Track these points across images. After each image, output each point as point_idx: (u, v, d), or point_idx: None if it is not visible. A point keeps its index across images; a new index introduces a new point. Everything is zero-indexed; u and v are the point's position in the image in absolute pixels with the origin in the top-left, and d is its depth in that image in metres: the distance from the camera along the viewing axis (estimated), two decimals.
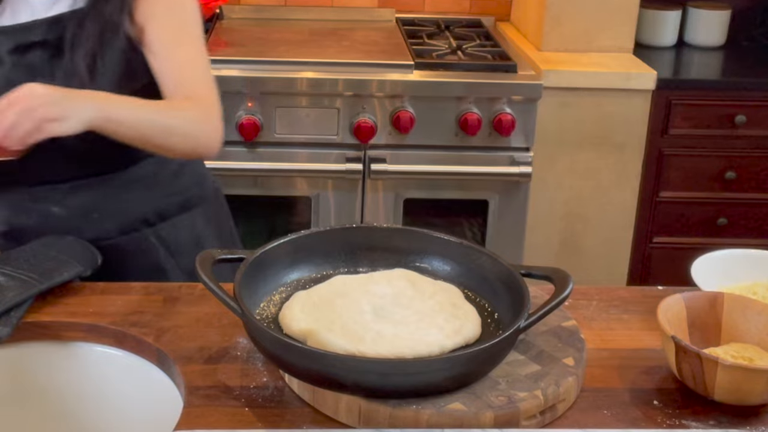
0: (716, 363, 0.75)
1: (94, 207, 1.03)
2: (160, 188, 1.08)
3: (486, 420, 0.72)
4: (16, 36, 0.98)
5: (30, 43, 0.98)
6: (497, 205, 1.78)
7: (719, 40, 2.07)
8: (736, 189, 1.86)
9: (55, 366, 0.87)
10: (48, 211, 1.02)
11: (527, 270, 0.86)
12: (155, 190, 1.08)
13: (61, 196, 1.02)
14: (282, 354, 0.75)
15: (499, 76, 1.72)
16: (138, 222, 1.06)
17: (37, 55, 0.98)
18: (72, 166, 1.01)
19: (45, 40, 0.98)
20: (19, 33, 0.98)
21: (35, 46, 0.98)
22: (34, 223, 1.02)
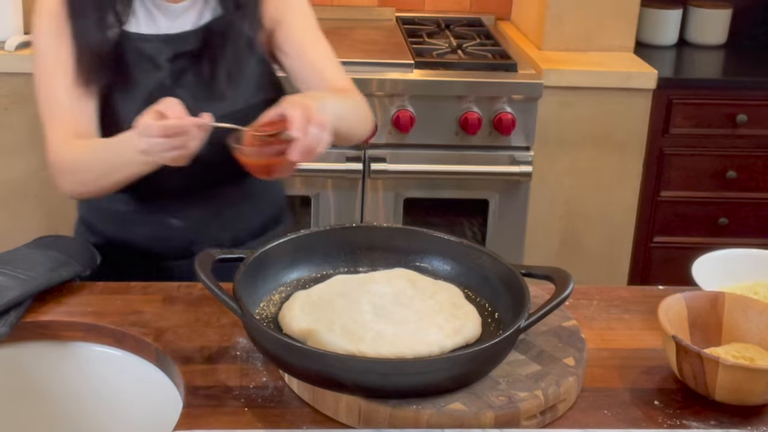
0: (717, 363, 0.75)
1: (211, 219, 1.05)
2: (263, 201, 1.11)
3: (486, 420, 0.72)
4: (175, 44, 1.00)
5: (183, 51, 1.00)
6: (497, 204, 1.77)
7: (720, 39, 2.07)
8: (737, 188, 1.85)
9: (54, 366, 0.87)
10: (165, 222, 1.04)
11: (527, 269, 0.86)
12: (260, 202, 1.10)
13: (181, 207, 1.03)
14: (282, 354, 0.75)
15: (499, 75, 1.72)
16: (246, 234, 1.08)
17: (183, 63, 1.00)
18: (197, 176, 1.02)
19: (192, 49, 1.01)
20: (177, 41, 1.00)
21: (185, 54, 1.00)
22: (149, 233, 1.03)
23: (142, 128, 0.84)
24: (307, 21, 1.06)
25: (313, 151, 0.85)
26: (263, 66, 1.04)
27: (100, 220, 1.07)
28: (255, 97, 1.03)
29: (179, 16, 1.01)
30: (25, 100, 1.70)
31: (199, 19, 1.02)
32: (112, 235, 1.06)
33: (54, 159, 0.97)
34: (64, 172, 0.97)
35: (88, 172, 0.96)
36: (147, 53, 0.99)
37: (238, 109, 1.02)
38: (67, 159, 0.96)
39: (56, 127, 0.98)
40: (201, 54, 1.01)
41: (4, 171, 1.74)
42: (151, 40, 1.00)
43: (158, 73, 1.00)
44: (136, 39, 0.99)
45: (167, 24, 1.01)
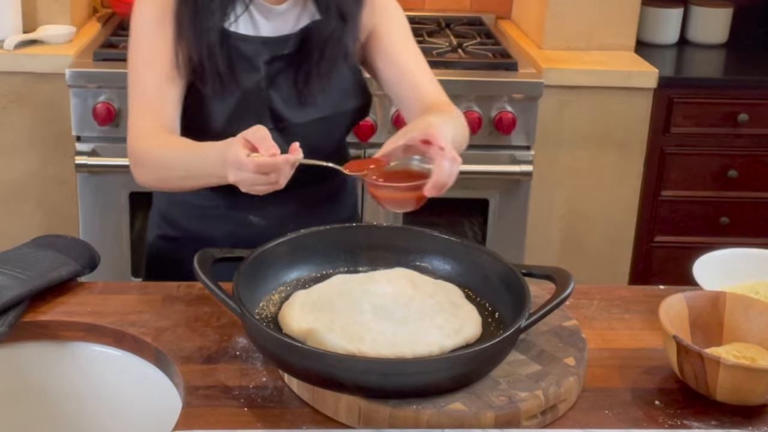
0: (718, 363, 0.74)
1: (291, 218, 1.04)
2: (340, 203, 1.11)
3: (487, 420, 0.72)
4: (274, 47, 0.99)
5: (280, 54, 0.99)
6: (498, 203, 1.77)
7: (721, 38, 2.06)
8: (739, 188, 1.85)
9: (54, 366, 0.87)
10: (245, 220, 1.03)
11: (528, 269, 0.86)
12: (337, 204, 1.10)
13: (262, 205, 1.02)
14: (281, 354, 0.75)
15: (499, 75, 1.72)
16: None
17: (278, 66, 0.99)
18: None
19: (289, 53, 1.00)
20: (276, 44, 0.99)
21: (282, 57, 1.00)
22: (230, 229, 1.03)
23: (235, 163, 0.82)
24: (402, 30, 1.05)
25: (446, 186, 0.84)
26: (355, 74, 1.03)
27: (181, 214, 1.05)
28: (344, 105, 1.02)
29: (278, 18, 1.00)
30: (24, 100, 1.69)
31: (297, 22, 1.00)
32: (192, 229, 1.05)
33: (136, 149, 0.95)
34: (144, 165, 0.95)
35: (170, 170, 0.93)
36: (246, 54, 0.98)
37: (327, 116, 1.01)
38: (151, 154, 0.94)
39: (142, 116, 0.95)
40: (296, 58, 1.00)
41: (4, 171, 1.74)
42: (251, 41, 0.98)
43: (255, 75, 0.98)
44: (237, 39, 0.98)
45: (266, 25, 0.99)
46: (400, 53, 1.03)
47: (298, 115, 1.00)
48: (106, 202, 1.68)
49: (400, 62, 1.03)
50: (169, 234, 1.06)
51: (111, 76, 1.62)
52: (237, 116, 0.98)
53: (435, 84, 1.04)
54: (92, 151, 1.65)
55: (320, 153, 1.00)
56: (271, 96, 0.99)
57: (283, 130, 1.00)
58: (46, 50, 1.70)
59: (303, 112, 1.00)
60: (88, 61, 1.66)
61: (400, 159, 0.86)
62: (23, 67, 1.67)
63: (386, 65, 1.03)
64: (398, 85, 1.03)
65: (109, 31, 1.85)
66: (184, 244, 1.02)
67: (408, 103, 1.02)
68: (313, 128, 1.01)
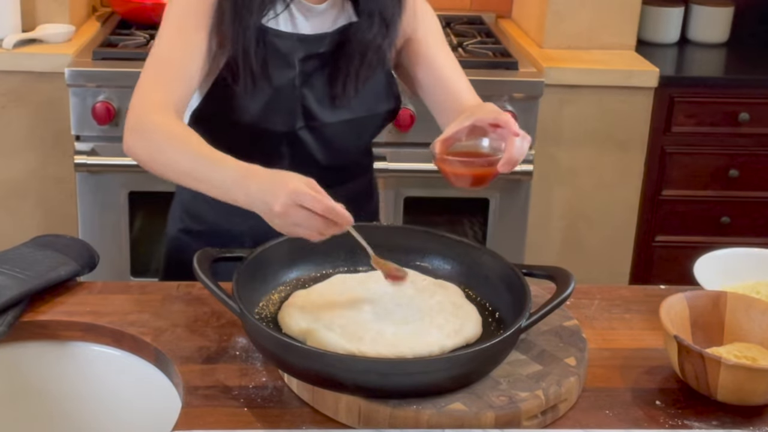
0: (719, 363, 0.74)
1: None
2: (362, 205, 1.10)
3: (487, 420, 0.72)
4: (310, 45, 0.99)
5: (316, 53, 0.99)
6: (498, 203, 1.76)
7: (722, 37, 2.06)
8: (740, 187, 1.84)
9: (53, 366, 0.87)
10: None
11: (528, 269, 0.86)
12: (364, 202, 1.10)
13: None
14: (281, 354, 0.74)
15: (500, 74, 1.71)
16: None
17: (313, 65, 0.99)
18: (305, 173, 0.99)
19: (324, 52, 0.99)
20: (312, 42, 0.99)
21: (317, 56, 0.99)
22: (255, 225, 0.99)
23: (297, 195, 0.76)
24: (438, 36, 1.05)
25: (518, 163, 0.85)
26: (388, 77, 1.03)
27: (207, 208, 1.04)
28: (376, 108, 1.02)
29: (317, 17, 0.99)
30: (23, 99, 1.69)
31: (334, 22, 1.00)
32: (216, 223, 1.04)
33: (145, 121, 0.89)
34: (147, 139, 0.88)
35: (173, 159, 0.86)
36: (282, 50, 0.97)
37: (358, 117, 1.01)
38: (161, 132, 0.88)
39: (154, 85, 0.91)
40: (331, 58, 0.99)
41: (3, 170, 1.73)
42: (287, 37, 0.97)
43: (289, 72, 0.97)
44: (273, 35, 0.97)
45: (304, 24, 0.99)
46: (436, 58, 1.03)
47: (329, 115, 0.99)
48: (105, 201, 1.68)
49: (437, 67, 1.02)
50: (192, 228, 1.06)
51: (110, 75, 1.62)
52: (268, 112, 0.97)
53: (470, 88, 1.04)
54: (91, 150, 1.65)
55: (348, 154, 0.99)
56: (305, 94, 0.98)
57: (313, 129, 1.00)
58: (45, 49, 1.69)
59: (335, 112, 0.99)
60: (87, 61, 1.66)
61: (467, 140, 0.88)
62: (22, 67, 1.67)
63: (424, 70, 1.03)
64: (435, 90, 1.02)
65: (108, 30, 1.85)
66: (208, 238, 1.02)
67: (445, 108, 1.02)
68: (343, 129, 1.00)
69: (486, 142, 0.89)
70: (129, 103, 0.93)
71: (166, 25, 0.96)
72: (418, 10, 1.03)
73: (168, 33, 0.95)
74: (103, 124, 1.62)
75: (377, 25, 0.99)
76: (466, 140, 0.89)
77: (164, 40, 0.95)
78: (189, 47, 0.94)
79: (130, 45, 1.75)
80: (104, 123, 1.62)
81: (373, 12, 0.99)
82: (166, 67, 0.93)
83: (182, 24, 0.95)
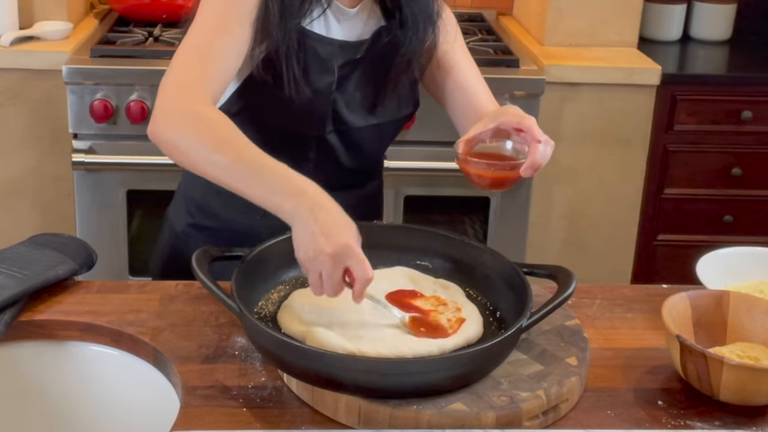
0: (722, 363, 0.74)
1: None
2: (375, 202, 1.11)
3: (488, 420, 0.71)
4: (349, 51, 0.98)
5: (353, 60, 0.98)
6: (499, 202, 1.76)
7: (725, 34, 2.05)
8: (742, 186, 1.84)
9: (51, 366, 0.86)
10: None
11: (529, 268, 0.85)
12: (369, 209, 1.09)
13: None
14: (280, 353, 0.74)
15: (501, 71, 1.71)
16: None
17: (347, 71, 0.98)
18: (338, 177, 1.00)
19: (360, 58, 0.98)
20: (351, 49, 0.98)
21: (352, 62, 0.98)
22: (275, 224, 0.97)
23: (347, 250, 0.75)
24: (459, 40, 1.05)
25: (541, 168, 0.85)
26: (412, 83, 1.03)
27: (221, 204, 1.02)
28: (399, 113, 1.02)
29: (349, 21, 0.98)
30: (20, 97, 1.68)
31: (365, 27, 0.99)
32: (228, 219, 1.03)
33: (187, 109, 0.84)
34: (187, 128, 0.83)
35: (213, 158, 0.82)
36: (322, 55, 0.96)
37: (383, 122, 1.01)
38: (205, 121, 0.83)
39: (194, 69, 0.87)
40: (363, 63, 0.99)
41: (0, 169, 1.73)
42: (328, 43, 0.96)
43: (328, 78, 0.96)
44: (315, 39, 0.96)
45: (336, 27, 0.98)
46: (459, 64, 1.02)
47: (357, 120, 0.98)
48: (103, 200, 1.67)
49: (458, 73, 1.02)
50: (202, 223, 1.04)
51: (108, 72, 1.61)
52: (302, 115, 0.96)
53: (489, 93, 1.03)
54: (89, 148, 1.64)
55: (369, 158, 0.99)
56: (337, 99, 0.97)
57: (341, 133, 0.99)
58: (43, 46, 1.69)
59: (362, 117, 0.98)
60: (85, 58, 1.65)
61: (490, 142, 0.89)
62: (19, 64, 1.66)
63: (445, 75, 1.02)
64: (455, 95, 1.02)
65: (106, 28, 1.84)
66: (220, 235, 1.00)
67: (464, 113, 1.01)
68: (367, 133, 1.00)
69: (509, 145, 0.89)
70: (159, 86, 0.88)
71: (205, 15, 0.92)
72: (443, 16, 1.03)
73: (207, 23, 0.91)
74: (101, 122, 1.62)
75: (407, 32, 0.98)
76: (490, 142, 0.89)
77: (203, 30, 0.91)
78: (229, 40, 0.90)
79: (129, 42, 1.74)
80: (102, 121, 1.62)
81: (407, 18, 0.98)
82: (203, 57, 0.89)
83: (223, 16, 0.91)
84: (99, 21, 1.91)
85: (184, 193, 1.09)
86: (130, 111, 1.60)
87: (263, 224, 0.98)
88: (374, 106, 0.99)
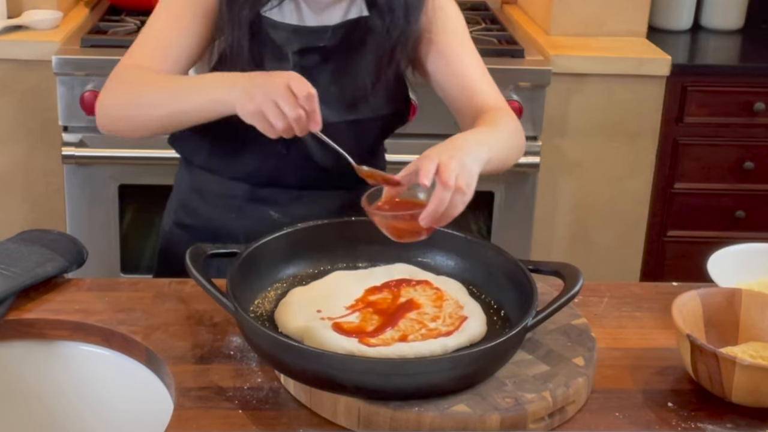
0: (734, 363, 0.73)
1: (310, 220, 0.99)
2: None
3: (492, 423, 0.70)
4: (304, 37, 0.96)
5: (312, 46, 0.96)
6: (503, 196, 1.75)
7: (737, 23, 2.03)
8: (755, 180, 1.82)
9: (40, 366, 0.86)
10: (265, 215, 1.01)
11: (535, 265, 0.85)
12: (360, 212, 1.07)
13: (285, 203, 1.00)
14: (277, 353, 0.73)
15: (505, 62, 1.69)
16: None
17: (313, 60, 0.96)
18: (312, 177, 0.99)
19: (325, 46, 0.96)
20: (308, 34, 0.96)
21: (315, 50, 0.96)
22: (248, 223, 1.00)
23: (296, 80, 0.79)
24: (457, 31, 1.00)
25: (446, 218, 0.78)
26: (398, 78, 0.99)
27: (200, 201, 1.03)
28: (385, 109, 0.99)
29: (325, 10, 0.96)
30: (9, 88, 1.66)
31: (344, 15, 0.97)
32: (212, 218, 1.03)
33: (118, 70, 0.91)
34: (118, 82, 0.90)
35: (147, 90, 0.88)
36: (276, 42, 0.95)
37: (362, 119, 0.98)
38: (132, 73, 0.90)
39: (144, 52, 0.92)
40: (335, 54, 0.96)
41: None
42: (282, 28, 0.95)
43: (283, 65, 0.95)
44: (268, 25, 0.95)
45: (310, 16, 0.96)
46: (452, 55, 0.98)
47: (331, 115, 0.95)
48: (94, 195, 1.65)
49: (451, 63, 0.98)
50: (185, 221, 1.04)
51: (99, 63, 1.59)
52: None
53: (490, 87, 0.99)
54: (80, 141, 1.62)
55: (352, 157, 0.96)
56: None
57: None
58: (32, 36, 1.66)
59: (337, 112, 0.96)
60: (75, 48, 1.63)
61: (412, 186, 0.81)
62: (7, 54, 1.64)
63: (437, 67, 0.98)
64: (449, 88, 0.98)
65: (97, 17, 1.82)
66: (200, 233, 1.00)
67: (460, 107, 0.98)
68: (345, 130, 0.97)
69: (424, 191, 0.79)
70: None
71: (163, 7, 0.95)
72: (432, 3, 0.99)
73: (164, 14, 0.94)
74: (92, 115, 1.59)
75: (389, 22, 0.95)
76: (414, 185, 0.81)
77: (159, 21, 0.94)
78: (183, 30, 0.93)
79: (120, 32, 1.73)
80: (93, 113, 1.58)
81: (383, 7, 0.95)
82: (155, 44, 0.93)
83: (179, 7, 0.93)
84: (90, 10, 1.89)
85: (175, 190, 1.09)
86: None
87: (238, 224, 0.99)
88: (354, 101, 0.96)
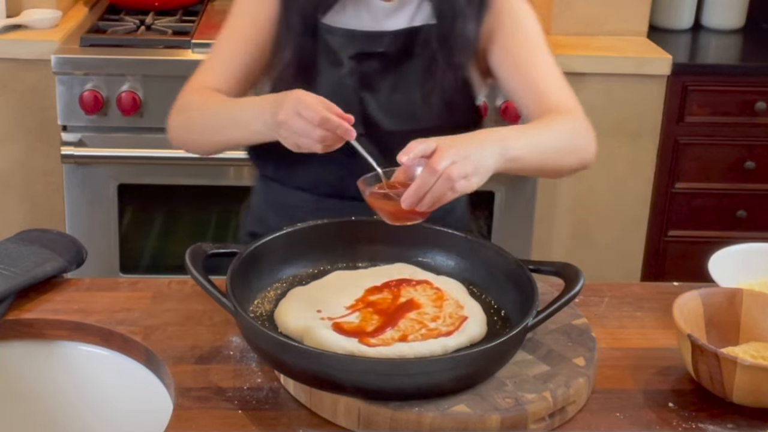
0: (735, 363, 0.73)
1: None
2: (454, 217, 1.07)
3: (492, 423, 0.70)
4: (363, 43, 0.95)
5: (368, 52, 0.95)
6: (504, 196, 1.74)
7: (738, 22, 2.02)
8: (756, 179, 1.82)
9: (39, 366, 0.86)
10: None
11: (535, 265, 0.84)
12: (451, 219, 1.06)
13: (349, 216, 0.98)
14: (277, 353, 0.73)
15: None
16: None
17: (371, 66, 0.95)
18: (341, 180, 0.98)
19: (383, 52, 0.95)
20: (364, 40, 0.95)
21: (371, 55, 0.95)
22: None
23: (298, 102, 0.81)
24: (528, 33, 0.99)
25: (430, 203, 0.77)
26: (465, 88, 0.98)
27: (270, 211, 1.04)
28: (447, 120, 0.96)
29: (387, 17, 0.95)
30: (8, 87, 1.66)
31: (409, 23, 0.96)
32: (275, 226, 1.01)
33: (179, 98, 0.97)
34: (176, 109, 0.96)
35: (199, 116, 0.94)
36: (332, 47, 0.94)
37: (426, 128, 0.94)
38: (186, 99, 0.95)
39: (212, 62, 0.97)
40: (395, 61, 0.95)
41: None
42: (336, 33, 0.94)
43: (338, 70, 0.94)
44: (325, 30, 0.94)
45: (370, 22, 0.95)
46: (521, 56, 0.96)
47: (393, 123, 0.95)
48: (93, 194, 1.65)
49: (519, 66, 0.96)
50: (257, 232, 1.04)
51: (99, 62, 1.59)
52: None
53: (560, 89, 0.98)
54: (79, 141, 1.62)
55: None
56: (365, 99, 0.94)
57: (375, 137, 0.95)
58: (31, 35, 1.66)
59: (399, 121, 0.95)
60: (74, 47, 1.63)
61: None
62: (6, 54, 1.63)
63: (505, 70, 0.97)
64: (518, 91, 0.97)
65: (96, 16, 1.82)
66: None
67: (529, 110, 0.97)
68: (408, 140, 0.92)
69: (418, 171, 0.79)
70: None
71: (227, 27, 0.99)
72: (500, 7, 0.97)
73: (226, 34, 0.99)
74: (91, 114, 1.59)
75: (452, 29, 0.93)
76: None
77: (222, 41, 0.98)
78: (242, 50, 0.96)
79: (120, 31, 1.72)
80: (92, 113, 1.60)
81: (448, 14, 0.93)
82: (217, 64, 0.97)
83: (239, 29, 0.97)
84: (89, 9, 1.88)
85: (250, 202, 1.10)
86: (121, 102, 1.58)
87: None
88: (415, 109, 0.95)
